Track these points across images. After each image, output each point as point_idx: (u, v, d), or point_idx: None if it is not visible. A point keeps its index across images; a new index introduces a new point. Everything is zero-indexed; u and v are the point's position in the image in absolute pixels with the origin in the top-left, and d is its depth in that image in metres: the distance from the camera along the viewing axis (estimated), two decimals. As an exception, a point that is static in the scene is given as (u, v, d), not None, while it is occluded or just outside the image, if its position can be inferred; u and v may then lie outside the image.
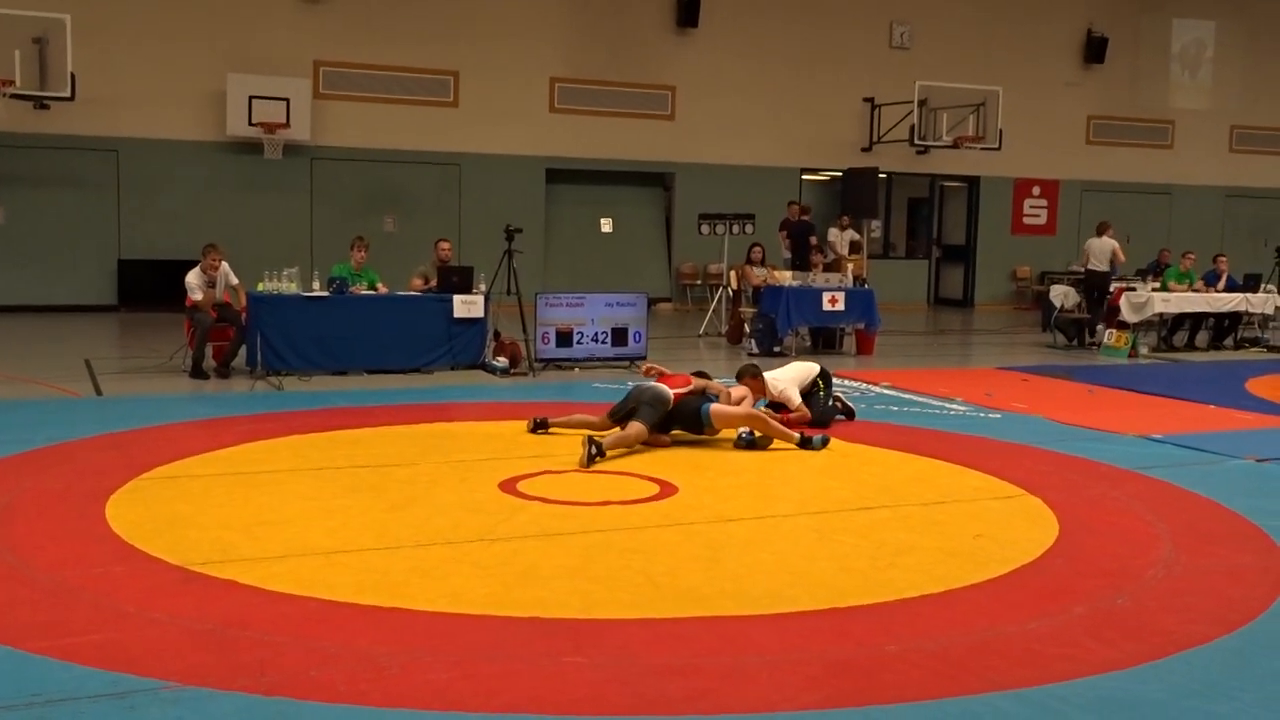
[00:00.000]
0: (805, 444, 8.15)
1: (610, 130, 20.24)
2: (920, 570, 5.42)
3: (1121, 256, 16.35)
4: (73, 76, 16.03)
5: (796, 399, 8.97)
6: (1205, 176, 24.83)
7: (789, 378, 9.13)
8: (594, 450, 7.51)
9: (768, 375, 9.09)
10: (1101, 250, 16.34)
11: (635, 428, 7.92)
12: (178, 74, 17.70)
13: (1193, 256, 16.61)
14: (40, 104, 16.75)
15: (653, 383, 8.45)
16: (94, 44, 16.75)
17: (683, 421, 8.24)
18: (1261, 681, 4.20)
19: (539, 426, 8.55)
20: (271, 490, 6.67)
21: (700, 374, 8.89)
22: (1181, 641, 4.55)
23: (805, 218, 17.80)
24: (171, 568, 5.17)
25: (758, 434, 8.23)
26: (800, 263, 16.34)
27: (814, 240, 17.08)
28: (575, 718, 3.76)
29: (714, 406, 8.26)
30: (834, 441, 8.34)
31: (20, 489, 6.51)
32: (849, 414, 9.40)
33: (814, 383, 9.16)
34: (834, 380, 9.54)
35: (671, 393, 8.24)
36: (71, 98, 16.18)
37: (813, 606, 4.88)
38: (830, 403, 9.18)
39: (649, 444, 8.02)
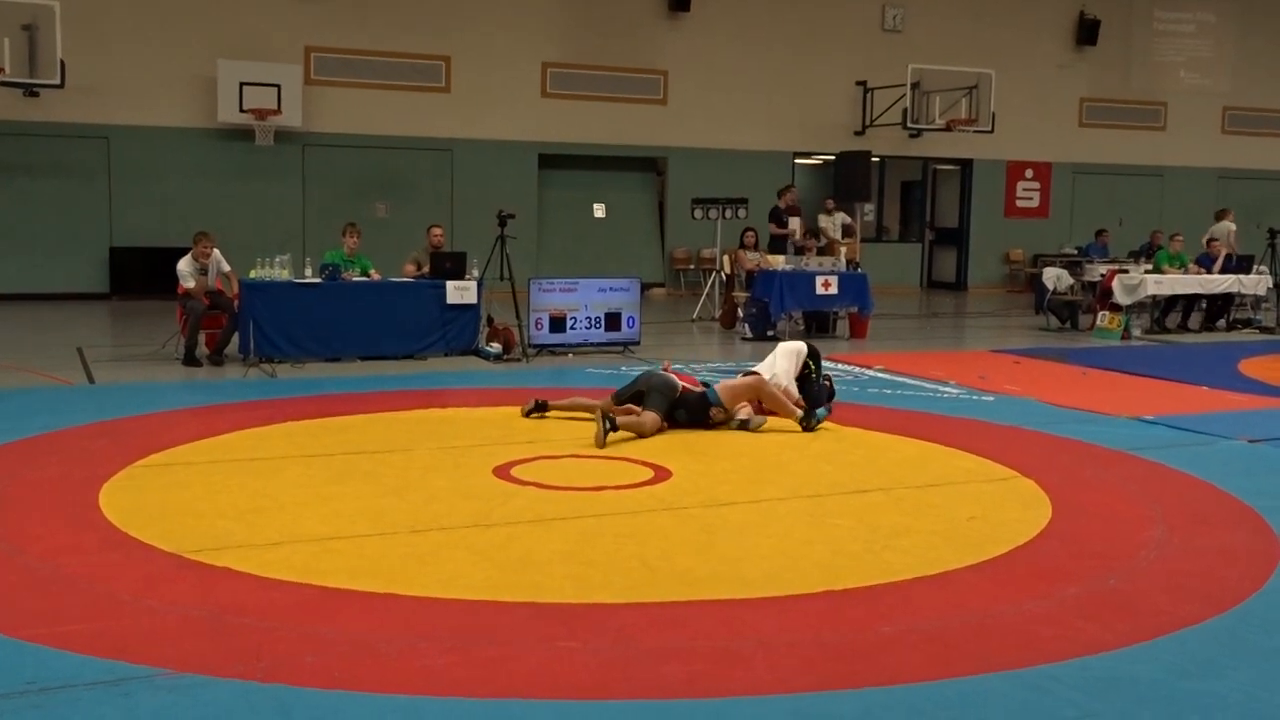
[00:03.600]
0: (807, 416, 8.18)
1: (602, 115, 20.19)
2: (914, 553, 5.44)
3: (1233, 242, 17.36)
4: (62, 64, 15.96)
5: (795, 393, 8.92)
6: (1197, 158, 24.83)
7: (784, 370, 9.04)
8: (609, 425, 7.63)
9: (766, 376, 8.99)
10: (1225, 234, 17.33)
11: (650, 416, 8.01)
12: (168, 61, 17.62)
13: (1181, 238, 16.62)
14: (30, 91, 16.68)
15: (661, 371, 8.56)
16: (84, 31, 16.68)
17: (688, 409, 8.27)
18: (1254, 660, 4.22)
19: (539, 409, 8.56)
20: (266, 477, 6.67)
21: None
22: (1174, 621, 4.57)
23: (780, 203, 17.68)
24: (166, 555, 5.17)
25: (751, 416, 8.27)
26: (776, 246, 16.26)
27: (791, 226, 16.89)
28: (571, 702, 3.77)
29: (719, 384, 8.39)
30: (828, 425, 8.36)
31: (14, 477, 6.50)
32: (829, 394, 9.33)
33: (805, 364, 9.12)
34: (823, 364, 9.51)
35: (680, 383, 8.36)
36: (61, 85, 16.11)
37: (807, 589, 4.89)
38: (822, 384, 9.17)
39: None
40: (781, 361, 9.15)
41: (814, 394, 8.99)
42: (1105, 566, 5.26)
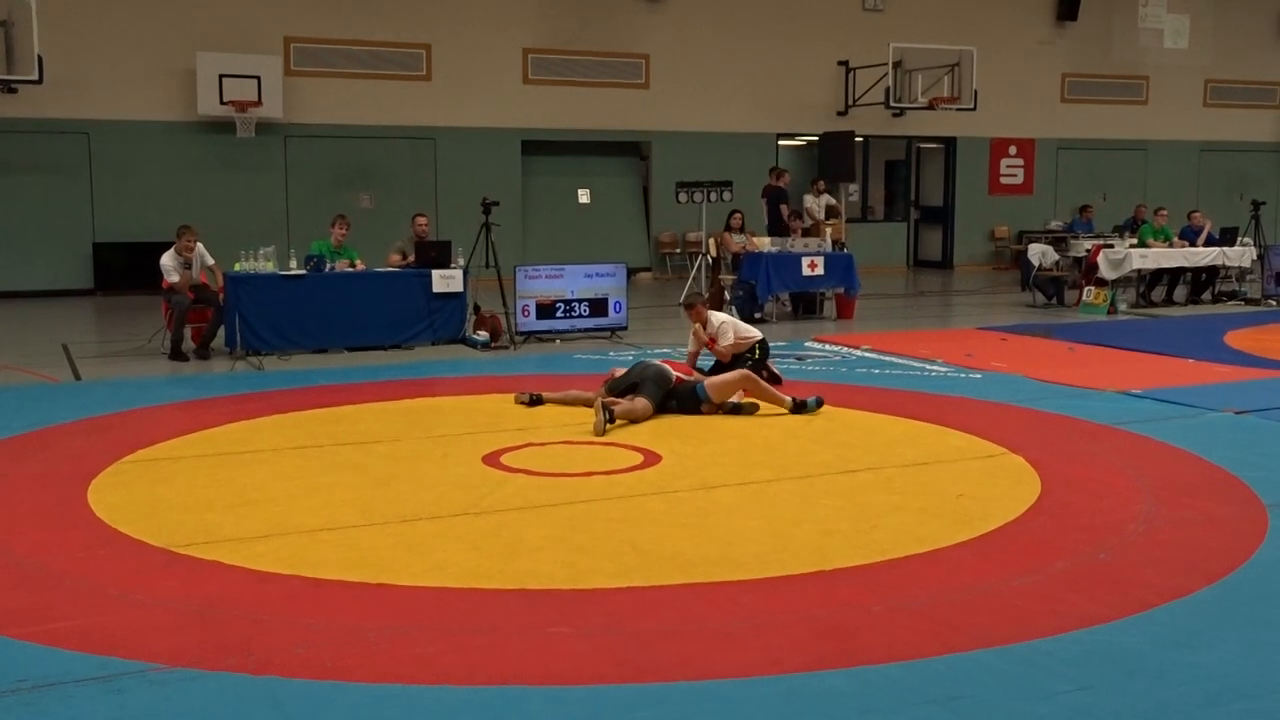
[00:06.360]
0: (799, 407, 8.18)
1: (585, 100, 20.12)
2: (904, 531, 5.45)
3: None
4: (40, 59, 15.81)
5: (728, 339, 9.21)
6: (1180, 131, 24.84)
7: (729, 320, 9.51)
8: (608, 416, 7.65)
9: (712, 313, 9.50)
10: None
11: (642, 403, 8.02)
12: (146, 54, 17.50)
13: (1165, 213, 16.64)
14: (8, 88, 16.54)
15: (656, 361, 8.57)
16: (60, 25, 16.56)
17: (679, 400, 8.28)
18: (1242, 630, 4.24)
19: (534, 402, 8.53)
20: (254, 470, 6.65)
21: (698, 298, 9.62)
22: (1163, 593, 4.59)
23: (779, 183, 17.72)
24: (155, 550, 5.16)
25: (744, 400, 8.28)
26: (775, 229, 16.31)
27: (784, 208, 16.93)
28: (563, 687, 3.77)
29: (707, 380, 8.34)
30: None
31: (0, 476, 6.47)
32: (775, 380, 9.37)
33: (751, 349, 9.26)
34: (811, 345, 9.58)
35: (674, 374, 8.37)
36: (39, 80, 15.97)
37: (798, 570, 4.90)
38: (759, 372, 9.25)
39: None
40: (733, 319, 9.53)
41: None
42: (1094, 540, 5.28)
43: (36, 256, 17.31)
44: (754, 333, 9.55)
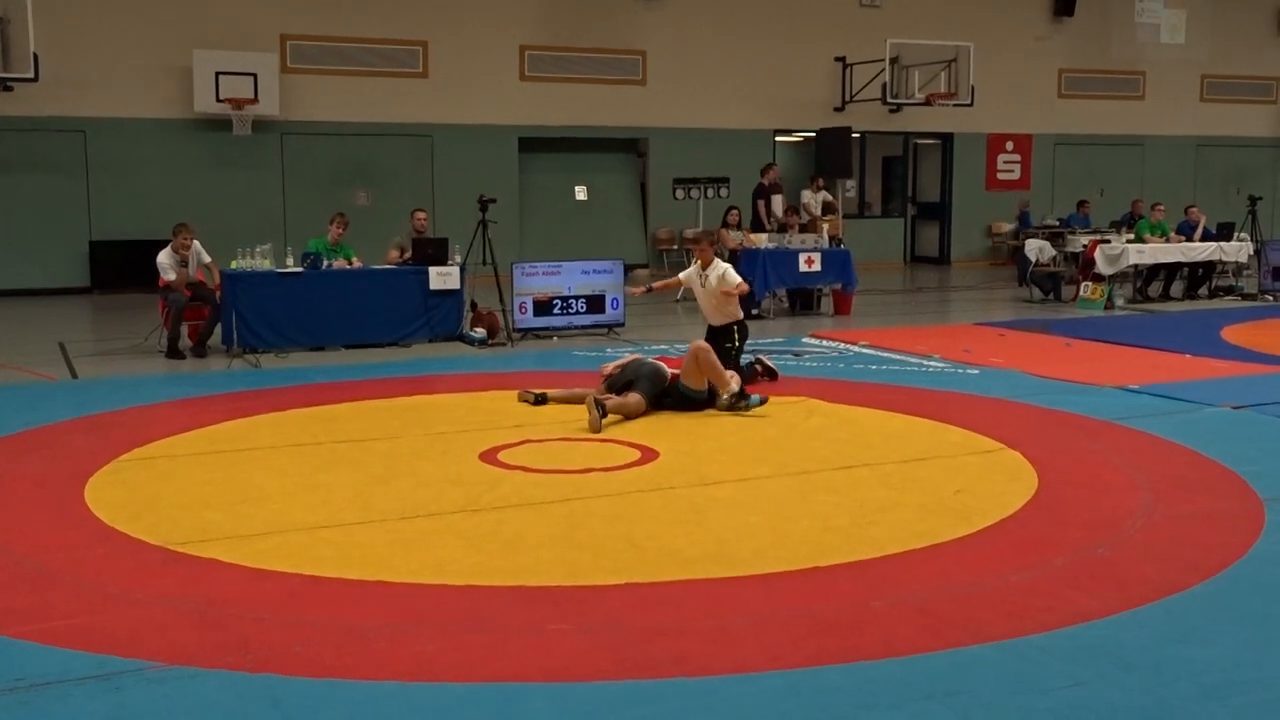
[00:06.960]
0: (740, 397, 8.16)
1: (582, 97, 20.10)
2: (902, 527, 5.46)
3: None
4: (36, 57, 15.79)
5: (735, 280, 9.09)
6: (1177, 127, 24.85)
7: (731, 269, 9.34)
8: (601, 411, 7.67)
9: (718, 260, 9.39)
10: None
11: (635, 398, 8.05)
12: (143, 51, 17.46)
13: (1163, 208, 16.66)
14: (3, 86, 16.52)
15: (651, 359, 8.58)
16: (56, 23, 16.53)
17: (673, 399, 8.29)
18: (1239, 625, 4.25)
19: (539, 401, 8.53)
20: (252, 468, 6.65)
21: (709, 236, 9.60)
22: (1161, 589, 4.60)
23: (762, 179, 17.66)
24: (153, 548, 5.16)
25: (739, 398, 8.29)
26: (752, 224, 16.27)
27: (762, 206, 16.85)
28: (562, 684, 3.78)
29: (681, 375, 8.35)
30: (814, 402, 8.38)
31: (-2, 475, 6.47)
32: (771, 375, 9.37)
33: (728, 329, 9.19)
34: (809, 341, 9.55)
35: (669, 371, 8.39)
36: (35, 78, 15.95)
37: (796, 566, 4.91)
38: (748, 363, 9.21)
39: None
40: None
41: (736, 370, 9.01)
42: (1092, 536, 5.28)
43: (33, 255, 17.28)
44: (738, 311, 9.45)
